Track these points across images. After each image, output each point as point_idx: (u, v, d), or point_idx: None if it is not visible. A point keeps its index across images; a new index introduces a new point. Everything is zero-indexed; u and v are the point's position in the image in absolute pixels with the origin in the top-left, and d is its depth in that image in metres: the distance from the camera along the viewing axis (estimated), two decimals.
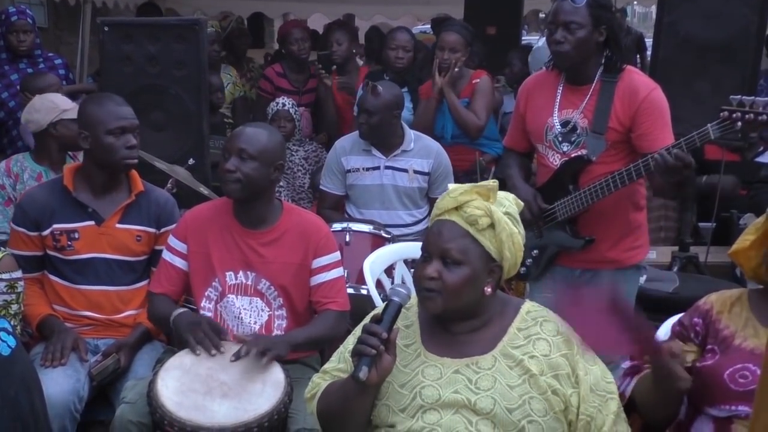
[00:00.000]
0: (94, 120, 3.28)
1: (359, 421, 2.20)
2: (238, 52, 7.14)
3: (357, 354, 2.12)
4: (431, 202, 4.38)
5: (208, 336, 2.91)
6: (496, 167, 5.12)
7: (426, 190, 4.46)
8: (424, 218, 4.47)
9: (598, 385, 2.17)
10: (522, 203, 2.32)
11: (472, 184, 2.23)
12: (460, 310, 2.22)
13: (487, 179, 2.47)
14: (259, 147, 3.04)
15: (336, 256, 3.18)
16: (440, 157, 4.46)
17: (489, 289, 2.22)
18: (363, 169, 4.45)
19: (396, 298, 2.17)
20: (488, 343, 2.22)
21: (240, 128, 3.17)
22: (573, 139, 3.32)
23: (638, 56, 8.09)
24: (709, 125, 2.98)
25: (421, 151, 4.45)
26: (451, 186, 2.24)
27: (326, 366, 2.38)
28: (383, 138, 4.41)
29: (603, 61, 3.29)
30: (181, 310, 3.05)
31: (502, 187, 2.33)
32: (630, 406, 2.32)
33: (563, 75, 3.37)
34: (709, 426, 2.34)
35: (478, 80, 5.08)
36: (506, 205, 2.23)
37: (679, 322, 2.51)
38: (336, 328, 3.08)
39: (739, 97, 2.97)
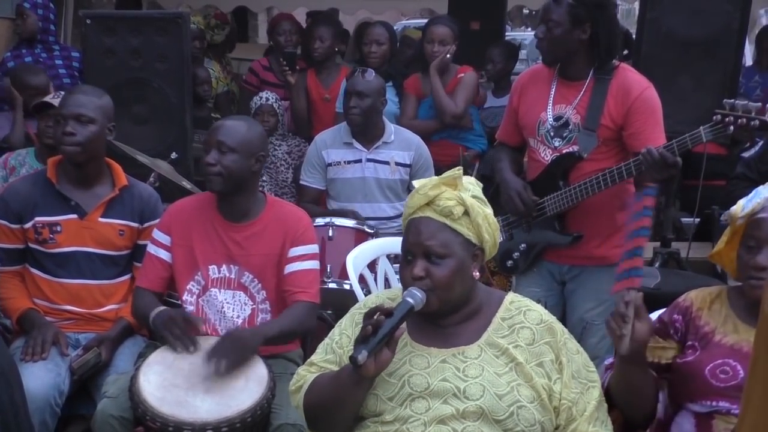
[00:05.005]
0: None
1: (348, 415, 2.18)
2: (217, 48, 7.07)
3: (360, 341, 2.09)
4: None
5: (184, 333, 2.90)
6: (480, 163, 5.12)
7: (408, 183, 4.45)
8: None
9: (580, 372, 2.20)
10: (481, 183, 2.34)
11: (438, 177, 2.25)
12: (455, 301, 2.23)
13: (471, 174, 2.48)
14: (238, 138, 3.03)
15: (313, 248, 3.15)
16: (420, 149, 4.47)
17: (477, 273, 2.25)
18: (344, 162, 4.43)
19: (410, 299, 2.15)
20: (473, 333, 2.24)
21: (219, 121, 3.18)
22: (565, 134, 3.33)
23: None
24: (701, 128, 3.04)
25: (402, 143, 4.45)
26: (417, 183, 2.25)
27: (313, 358, 2.34)
28: (369, 127, 4.39)
29: (596, 57, 3.31)
30: (160, 308, 3.03)
31: (492, 180, 2.33)
32: (611, 402, 2.33)
33: (557, 69, 3.39)
34: (690, 421, 2.36)
35: (463, 75, 5.13)
36: (471, 189, 2.26)
37: (659, 319, 2.52)
38: (307, 321, 3.04)
39: (732, 101, 3.02)
